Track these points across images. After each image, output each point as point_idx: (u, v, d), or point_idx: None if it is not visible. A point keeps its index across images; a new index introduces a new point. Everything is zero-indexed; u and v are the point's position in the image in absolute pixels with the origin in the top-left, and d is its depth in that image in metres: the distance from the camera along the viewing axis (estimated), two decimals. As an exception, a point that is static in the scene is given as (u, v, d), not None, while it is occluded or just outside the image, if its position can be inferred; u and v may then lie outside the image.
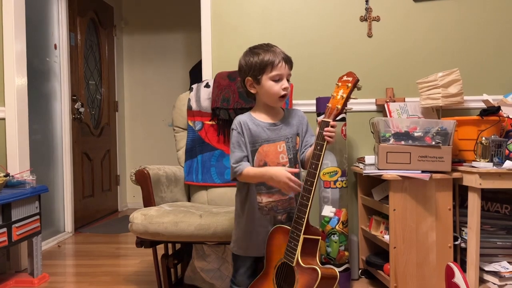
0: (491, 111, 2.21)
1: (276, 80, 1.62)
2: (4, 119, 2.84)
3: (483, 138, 2.09)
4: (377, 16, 2.70)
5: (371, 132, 2.39)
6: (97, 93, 4.46)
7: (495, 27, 2.64)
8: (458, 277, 1.79)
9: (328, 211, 2.34)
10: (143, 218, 2.03)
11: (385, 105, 2.57)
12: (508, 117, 2.27)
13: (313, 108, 2.52)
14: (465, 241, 2.14)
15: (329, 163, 2.39)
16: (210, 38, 2.80)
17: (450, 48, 2.66)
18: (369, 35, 2.71)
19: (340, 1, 2.73)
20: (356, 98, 1.57)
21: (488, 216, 2.24)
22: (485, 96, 2.46)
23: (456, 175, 2.14)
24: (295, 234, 1.53)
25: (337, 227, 2.32)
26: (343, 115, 2.40)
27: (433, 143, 2.12)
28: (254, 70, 1.63)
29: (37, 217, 2.60)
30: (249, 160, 1.65)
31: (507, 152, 2.11)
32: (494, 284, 2.11)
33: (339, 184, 2.38)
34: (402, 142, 2.15)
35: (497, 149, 2.07)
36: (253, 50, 1.66)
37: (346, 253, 2.36)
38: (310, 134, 1.74)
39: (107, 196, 4.64)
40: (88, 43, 4.25)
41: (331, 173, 2.38)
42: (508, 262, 2.17)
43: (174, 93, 3.22)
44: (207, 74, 2.79)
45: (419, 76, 2.49)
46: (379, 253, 2.44)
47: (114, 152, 4.82)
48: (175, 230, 1.99)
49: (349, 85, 1.52)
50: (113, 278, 2.65)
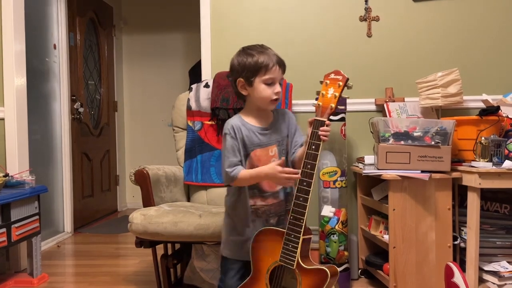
0: (491, 111, 2.21)
1: (269, 84, 1.59)
2: (4, 119, 2.84)
3: (483, 138, 2.09)
4: (377, 16, 2.70)
5: (371, 132, 2.39)
6: (97, 93, 4.46)
7: (495, 27, 2.64)
8: (458, 277, 1.79)
9: (328, 211, 2.34)
10: (143, 218, 2.03)
11: (385, 105, 2.57)
12: (508, 117, 2.28)
13: (313, 108, 2.50)
14: (465, 241, 2.14)
15: (329, 163, 2.39)
16: (210, 38, 2.80)
17: (450, 48, 2.66)
18: (369, 35, 2.72)
19: (340, 1, 2.73)
20: (349, 98, 1.55)
21: (488, 216, 2.24)
22: (485, 96, 2.46)
23: (456, 175, 2.14)
24: (293, 236, 1.49)
25: (337, 227, 2.32)
26: (343, 115, 2.40)
27: (433, 143, 2.12)
28: (247, 72, 1.59)
29: (37, 217, 2.59)
30: (243, 165, 1.62)
31: (507, 152, 2.11)
32: (494, 284, 2.11)
33: (339, 184, 2.38)
34: (402, 142, 2.15)
35: (497, 149, 2.07)
36: (247, 51, 1.62)
37: (346, 253, 2.36)
38: (299, 134, 1.72)
39: (107, 196, 4.64)
40: (88, 43, 4.25)
41: (331, 173, 2.38)
42: (508, 262, 2.17)
43: (174, 93, 3.21)
44: (207, 74, 2.79)
45: (419, 76, 2.49)
46: (379, 253, 2.44)
47: (114, 152, 4.82)
48: (175, 230, 1.98)
49: (341, 84, 1.50)
50: (113, 278, 2.65)
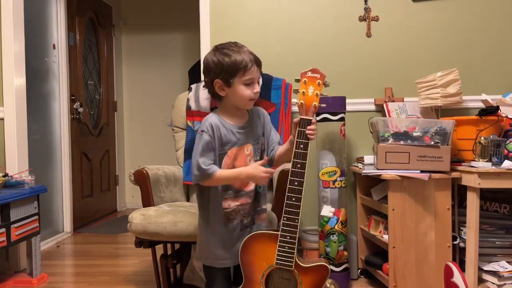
0: (490, 111, 2.21)
1: (248, 84, 1.56)
2: (3, 119, 2.83)
3: (482, 138, 2.09)
4: (376, 16, 2.70)
5: (370, 132, 2.39)
6: (96, 93, 4.46)
7: (494, 27, 2.64)
8: (457, 277, 1.79)
9: (327, 211, 2.34)
10: (142, 218, 2.03)
11: (384, 105, 2.57)
12: (507, 117, 2.28)
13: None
14: (464, 241, 2.14)
15: (328, 163, 2.39)
16: (209, 38, 2.80)
17: (449, 48, 2.66)
18: (368, 35, 2.72)
19: (339, 1, 2.73)
20: (329, 96, 1.57)
21: (487, 216, 2.24)
22: (484, 96, 2.46)
23: (455, 175, 2.14)
24: (289, 237, 1.48)
25: (336, 227, 2.32)
26: (342, 115, 2.40)
27: (432, 143, 2.12)
28: (226, 73, 1.54)
29: (36, 217, 2.59)
30: (216, 165, 1.58)
31: (506, 152, 2.12)
32: (493, 284, 2.11)
33: (338, 184, 2.38)
34: (401, 142, 2.15)
35: (496, 149, 2.07)
36: (223, 50, 1.56)
37: (345, 253, 2.36)
38: (274, 133, 1.72)
39: (106, 196, 4.64)
40: (87, 43, 4.25)
41: (330, 173, 2.38)
42: (507, 262, 2.17)
43: (173, 93, 3.21)
44: (206, 74, 2.79)
45: (418, 76, 2.49)
46: (378, 253, 2.44)
47: (113, 152, 4.82)
48: (174, 230, 1.98)
49: (320, 83, 1.52)
50: (112, 278, 2.65)
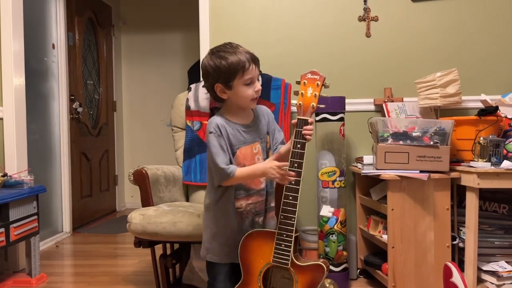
0: (489, 111, 2.21)
1: (248, 84, 1.55)
2: (2, 119, 2.83)
3: (481, 138, 2.09)
4: (376, 16, 2.70)
5: (370, 132, 2.39)
6: (95, 93, 4.46)
7: (494, 27, 2.64)
8: (456, 277, 1.79)
9: (327, 211, 2.34)
10: (141, 218, 2.03)
11: (384, 105, 2.57)
12: (506, 117, 2.28)
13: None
14: (463, 241, 2.14)
15: (328, 163, 2.39)
16: (209, 38, 2.80)
17: (449, 48, 2.66)
18: (368, 35, 2.72)
19: (339, 1, 2.73)
20: (327, 97, 1.58)
21: (486, 216, 2.24)
22: (483, 96, 2.47)
23: (454, 175, 2.14)
24: (285, 235, 1.49)
25: (336, 227, 2.32)
26: (342, 115, 2.40)
27: (431, 143, 2.12)
28: (225, 76, 1.53)
29: (35, 217, 2.59)
30: (232, 164, 1.58)
31: (505, 152, 2.12)
32: (492, 284, 2.11)
33: (338, 184, 2.38)
34: (401, 142, 2.15)
35: (495, 149, 2.08)
36: (219, 53, 1.55)
37: (345, 253, 2.36)
38: (278, 131, 1.72)
39: (105, 196, 4.64)
40: (86, 43, 4.24)
41: (330, 173, 2.38)
42: (506, 262, 2.17)
43: (173, 93, 3.21)
44: (206, 74, 2.79)
45: (418, 76, 2.49)
46: (378, 253, 2.44)
47: (112, 152, 4.82)
48: (174, 230, 1.98)
49: (319, 84, 1.52)
50: (112, 278, 2.65)
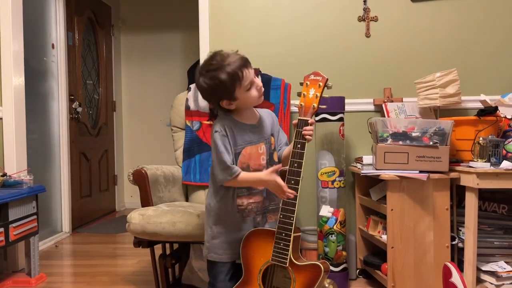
0: (489, 111, 2.21)
1: (249, 88, 1.56)
2: (1, 119, 2.83)
3: (481, 138, 2.09)
4: (375, 16, 2.70)
5: (369, 132, 2.39)
6: (95, 93, 4.45)
7: (493, 28, 2.64)
8: (456, 277, 1.79)
9: (326, 211, 2.34)
10: (141, 218, 2.03)
11: (383, 105, 2.57)
12: (506, 117, 2.28)
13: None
14: (463, 241, 2.14)
15: (327, 163, 2.39)
16: (208, 38, 2.80)
17: (448, 48, 2.66)
18: (367, 35, 2.72)
19: (338, 1, 2.73)
20: (327, 97, 1.59)
21: (486, 216, 2.24)
22: (483, 97, 2.47)
23: (454, 175, 2.14)
24: (284, 234, 1.50)
25: (335, 227, 2.32)
26: (341, 115, 2.40)
27: (431, 143, 2.12)
28: (225, 93, 1.54)
29: (35, 217, 2.59)
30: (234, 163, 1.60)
31: (504, 152, 2.12)
32: (491, 284, 2.11)
33: (337, 184, 2.38)
34: (400, 142, 2.15)
35: (495, 149, 2.08)
36: (209, 74, 1.53)
37: (344, 253, 2.36)
38: (282, 133, 1.75)
39: (105, 196, 4.63)
40: (86, 43, 4.24)
41: (329, 173, 2.38)
42: (505, 262, 2.17)
43: (172, 93, 3.21)
44: (205, 74, 2.79)
45: (417, 76, 2.49)
46: (377, 253, 2.44)
47: (112, 152, 4.81)
48: (173, 230, 1.98)
49: (321, 85, 1.54)
50: (111, 278, 2.64)
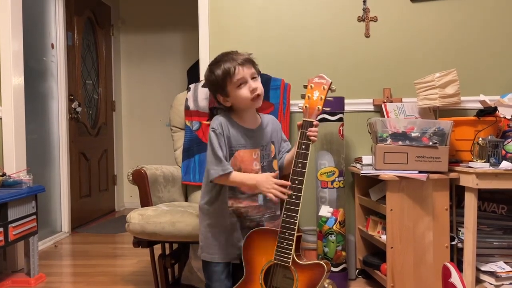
0: (488, 112, 2.21)
1: (240, 85, 1.60)
2: (1, 119, 2.83)
3: (480, 139, 2.09)
4: (375, 17, 2.71)
5: (369, 132, 2.39)
6: (94, 93, 4.45)
7: (493, 28, 2.64)
8: (455, 277, 1.80)
9: (326, 211, 2.34)
10: (140, 218, 2.03)
11: (383, 106, 2.57)
12: (505, 118, 2.28)
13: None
14: (462, 241, 2.14)
15: (327, 163, 2.39)
16: (208, 38, 2.80)
17: (448, 49, 2.66)
18: (367, 36, 2.72)
19: (338, 1, 2.73)
20: (331, 99, 1.62)
21: (485, 216, 2.24)
22: (482, 97, 2.47)
23: (453, 176, 2.14)
24: (287, 234, 1.52)
25: (335, 227, 2.32)
26: (341, 115, 2.40)
27: (430, 144, 2.12)
28: (218, 87, 1.62)
29: (34, 217, 2.59)
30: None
31: (504, 153, 2.12)
32: (491, 284, 2.11)
33: (337, 184, 2.38)
34: (399, 143, 2.15)
35: (494, 150, 2.08)
36: (211, 67, 1.65)
37: (343, 253, 2.36)
38: (285, 140, 1.78)
39: (104, 196, 4.63)
40: (85, 43, 4.24)
41: (329, 173, 2.38)
42: (505, 262, 2.18)
43: (172, 93, 3.21)
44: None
45: (417, 77, 2.49)
46: (376, 253, 2.44)
47: (111, 152, 4.81)
48: (173, 230, 1.98)
49: (325, 87, 1.58)
50: (110, 278, 2.64)
